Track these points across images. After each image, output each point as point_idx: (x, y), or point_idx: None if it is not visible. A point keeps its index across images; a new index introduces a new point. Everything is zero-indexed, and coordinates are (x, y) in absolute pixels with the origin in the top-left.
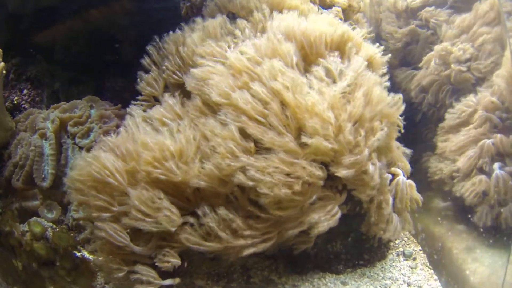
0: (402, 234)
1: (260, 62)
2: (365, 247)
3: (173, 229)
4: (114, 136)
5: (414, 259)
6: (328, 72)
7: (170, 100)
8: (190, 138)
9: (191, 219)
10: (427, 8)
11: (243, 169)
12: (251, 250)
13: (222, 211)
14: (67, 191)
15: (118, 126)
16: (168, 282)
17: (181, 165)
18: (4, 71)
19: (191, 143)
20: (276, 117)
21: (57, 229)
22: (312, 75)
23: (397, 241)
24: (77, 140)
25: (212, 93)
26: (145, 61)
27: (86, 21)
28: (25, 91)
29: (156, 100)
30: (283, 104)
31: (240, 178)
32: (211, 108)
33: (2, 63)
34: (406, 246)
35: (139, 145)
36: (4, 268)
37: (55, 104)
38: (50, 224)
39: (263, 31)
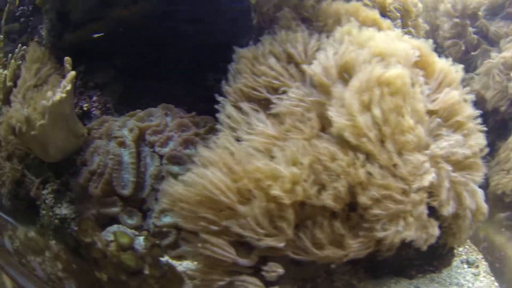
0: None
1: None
2: (435, 254)
3: (282, 244)
4: (208, 151)
5: (477, 266)
6: None
7: (261, 117)
8: (304, 163)
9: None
10: (484, 20)
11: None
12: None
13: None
14: (146, 198)
15: (196, 134)
16: None
17: (295, 187)
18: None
19: (304, 167)
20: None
21: (146, 239)
22: None
23: (460, 249)
24: (156, 149)
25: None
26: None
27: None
28: (94, 98)
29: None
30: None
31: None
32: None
33: (73, 72)
34: (469, 254)
35: (248, 166)
36: (83, 281)
37: (131, 112)
38: (133, 231)
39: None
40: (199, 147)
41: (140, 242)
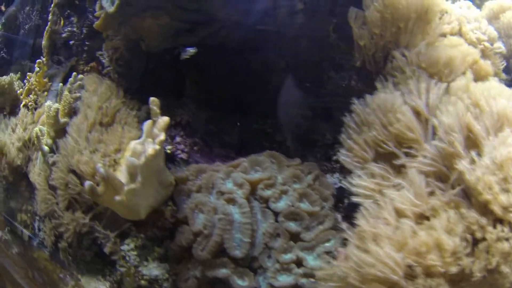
0: None
1: None
2: None
3: None
4: (367, 223)
5: None
6: None
7: (395, 180)
8: (458, 233)
9: None
10: None
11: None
12: None
13: None
14: (258, 256)
15: (309, 186)
16: None
17: (456, 258)
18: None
19: (458, 237)
20: None
21: None
22: None
23: None
24: (271, 205)
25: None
26: (350, 121)
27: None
28: (178, 139)
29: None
30: None
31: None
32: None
33: (167, 118)
34: None
35: (408, 238)
36: None
37: (234, 162)
38: None
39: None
40: (359, 218)
41: None
